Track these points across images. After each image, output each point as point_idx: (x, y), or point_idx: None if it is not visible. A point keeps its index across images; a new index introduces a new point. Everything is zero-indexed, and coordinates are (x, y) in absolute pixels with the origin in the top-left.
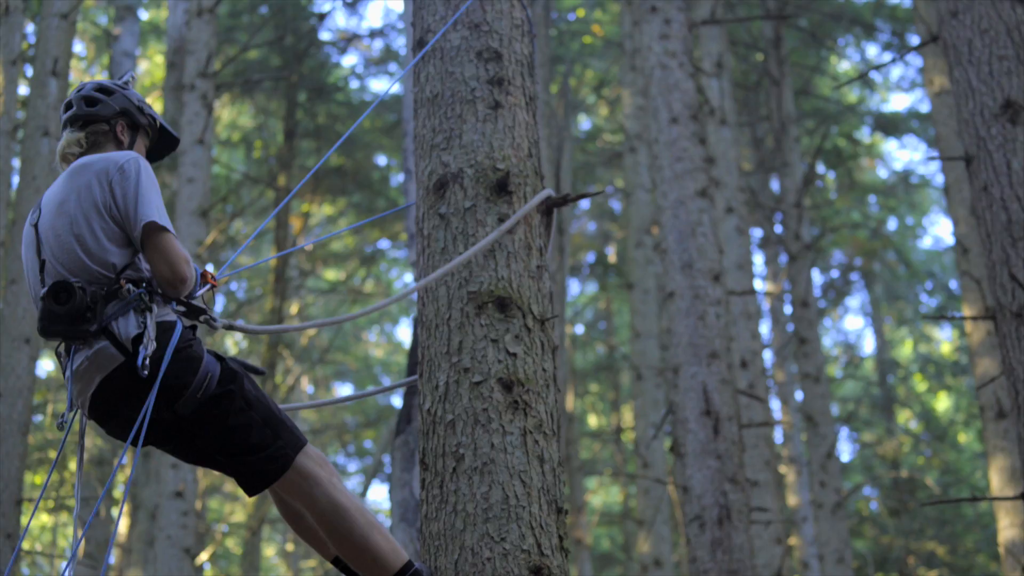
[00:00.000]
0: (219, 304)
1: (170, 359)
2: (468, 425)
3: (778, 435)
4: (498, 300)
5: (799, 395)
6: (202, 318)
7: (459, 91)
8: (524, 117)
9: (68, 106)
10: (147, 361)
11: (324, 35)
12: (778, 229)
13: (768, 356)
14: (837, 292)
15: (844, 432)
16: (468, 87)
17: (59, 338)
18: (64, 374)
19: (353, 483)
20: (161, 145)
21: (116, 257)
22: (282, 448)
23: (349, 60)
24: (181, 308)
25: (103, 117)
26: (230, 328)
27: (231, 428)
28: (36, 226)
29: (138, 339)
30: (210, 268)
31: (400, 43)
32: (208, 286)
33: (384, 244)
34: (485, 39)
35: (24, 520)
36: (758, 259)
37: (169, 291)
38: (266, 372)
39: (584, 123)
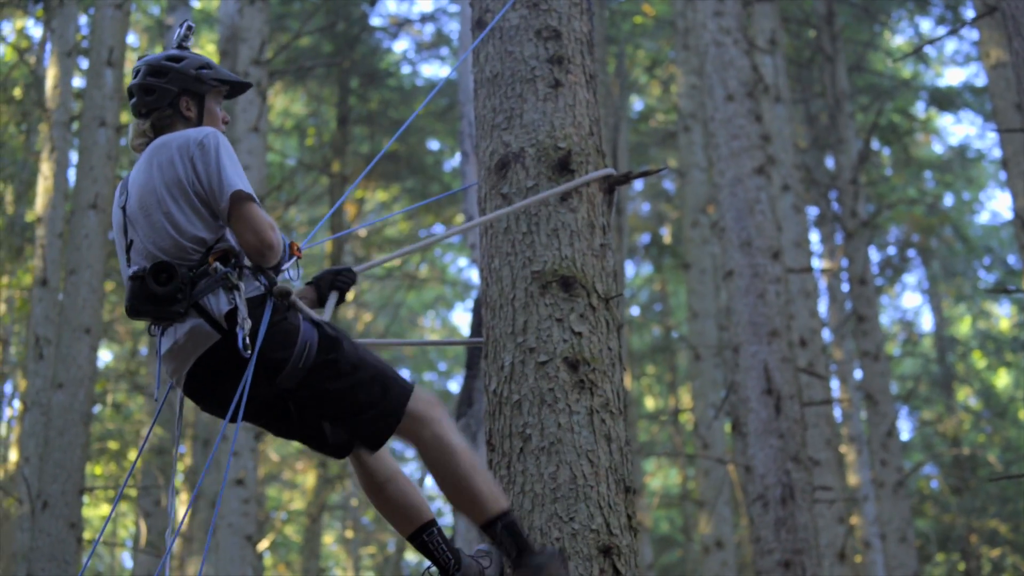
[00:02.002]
0: None
1: (266, 334)
2: (534, 405)
3: (837, 414)
4: (562, 279)
5: (858, 373)
6: (285, 300)
7: (519, 70)
8: (584, 95)
9: (130, 94)
10: (247, 340)
11: (375, 21)
12: (834, 206)
13: (826, 334)
14: (894, 269)
15: (904, 410)
16: (528, 66)
17: (148, 319)
18: (158, 351)
19: (411, 469)
20: (231, 92)
21: (205, 232)
22: (392, 401)
23: (400, 45)
24: (266, 281)
25: (164, 103)
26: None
27: (340, 394)
28: (124, 208)
29: (232, 316)
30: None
31: (451, 27)
32: (294, 258)
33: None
34: (544, 17)
35: (85, 511)
36: (814, 237)
37: (258, 259)
38: None
39: (637, 103)
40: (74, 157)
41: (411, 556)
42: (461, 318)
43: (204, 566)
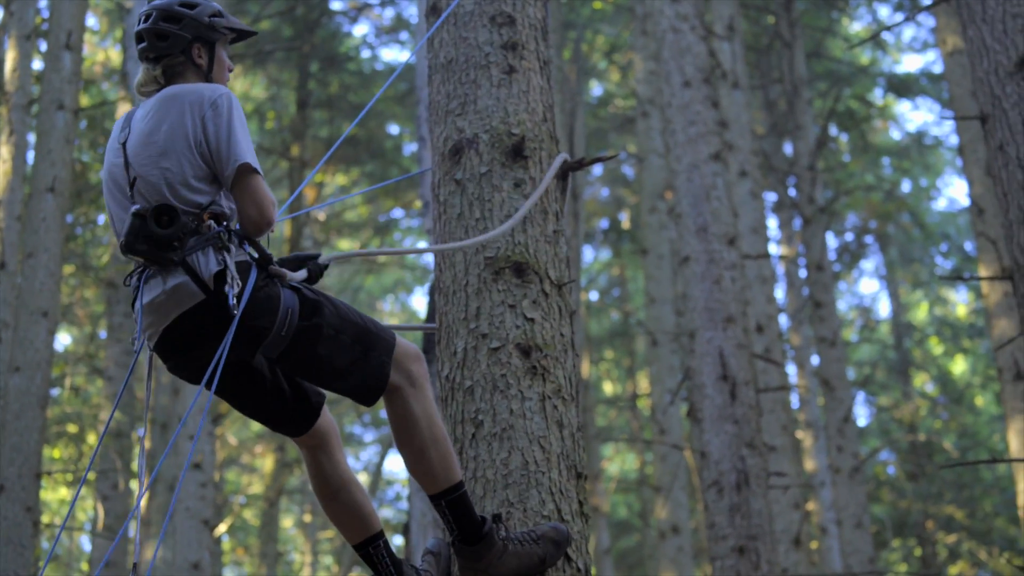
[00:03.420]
0: None
1: (248, 301)
2: (487, 391)
3: (794, 400)
4: (515, 265)
5: (815, 359)
6: (271, 267)
7: (473, 56)
8: (538, 81)
9: (140, 39)
10: (236, 300)
11: (335, 5)
12: (792, 192)
13: (783, 320)
14: (852, 255)
15: (860, 396)
16: (482, 52)
17: (141, 257)
18: (134, 304)
19: (369, 453)
20: (237, 38)
21: (200, 195)
22: (376, 360)
23: (360, 29)
24: (254, 253)
25: (177, 50)
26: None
27: (323, 359)
28: (125, 144)
29: (220, 277)
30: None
31: (411, 12)
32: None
33: (398, 213)
34: (498, 4)
35: (43, 494)
36: (772, 223)
37: (253, 232)
38: None
39: (596, 89)
40: (33, 140)
41: None
42: (420, 302)
43: (159, 550)
